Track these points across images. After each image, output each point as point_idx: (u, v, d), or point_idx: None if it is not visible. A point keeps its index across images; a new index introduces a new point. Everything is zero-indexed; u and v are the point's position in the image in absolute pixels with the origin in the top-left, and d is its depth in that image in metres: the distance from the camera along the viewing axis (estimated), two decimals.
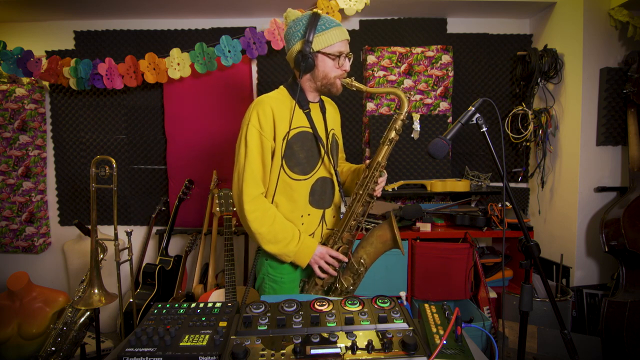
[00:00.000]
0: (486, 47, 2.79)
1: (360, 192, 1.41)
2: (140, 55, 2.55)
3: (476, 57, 2.79)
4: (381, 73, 2.67)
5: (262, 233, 1.34)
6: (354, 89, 1.41)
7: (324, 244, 1.47)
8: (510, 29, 2.82)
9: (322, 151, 1.44)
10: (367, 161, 1.45)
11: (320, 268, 1.41)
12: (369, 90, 1.41)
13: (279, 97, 1.41)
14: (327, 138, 1.48)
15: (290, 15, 1.42)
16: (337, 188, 1.52)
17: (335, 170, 1.50)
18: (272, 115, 1.34)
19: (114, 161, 1.99)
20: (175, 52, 2.53)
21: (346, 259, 1.43)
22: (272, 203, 1.40)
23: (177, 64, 2.54)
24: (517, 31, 2.82)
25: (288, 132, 1.36)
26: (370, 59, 2.66)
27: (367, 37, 2.77)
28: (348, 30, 2.74)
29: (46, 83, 2.75)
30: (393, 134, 1.38)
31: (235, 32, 2.60)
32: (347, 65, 1.40)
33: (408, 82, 2.67)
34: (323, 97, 1.54)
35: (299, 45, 1.35)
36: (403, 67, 2.66)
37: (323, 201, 1.47)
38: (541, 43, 2.61)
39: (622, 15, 2.26)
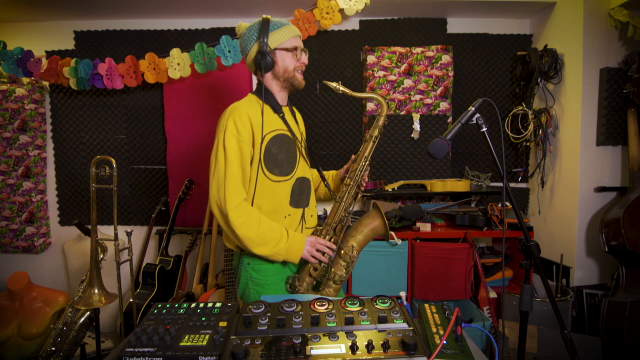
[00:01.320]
0: (486, 47, 2.79)
1: (351, 183, 1.49)
2: (140, 55, 2.55)
3: (476, 57, 2.79)
4: (381, 73, 2.67)
5: (250, 237, 1.34)
6: (340, 92, 1.47)
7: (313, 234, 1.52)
8: (510, 29, 2.82)
9: (298, 152, 1.49)
10: (353, 156, 1.55)
11: (314, 257, 1.44)
12: (354, 94, 1.49)
13: (252, 103, 1.43)
14: (302, 139, 1.55)
15: (241, 27, 1.52)
16: (312, 188, 1.58)
17: (319, 169, 1.61)
18: (249, 121, 1.36)
19: (114, 161, 1.99)
20: (175, 52, 2.53)
21: (335, 247, 1.46)
22: (253, 205, 1.41)
23: (177, 64, 2.54)
24: (517, 31, 2.82)
25: (265, 136, 1.38)
26: (370, 59, 2.66)
27: (367, 37, 2.77)
28: (348, 30, 2.77)
29: (46, 83, 2.75)
30: (376, 132, 1.52)
31: (235, 32, 2.59)
32: (304, 58, 1.47)
33: (408, 82, 2.67)
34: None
35: (256, 46, 1.42)
36: (403, 67, 2.66)
37: (301, 200, 1.50)
38: (541, 43, 2.61)
39: (622, 15, 2.26)
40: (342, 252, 1.48)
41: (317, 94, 2.78)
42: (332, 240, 1.48)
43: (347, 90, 1.46)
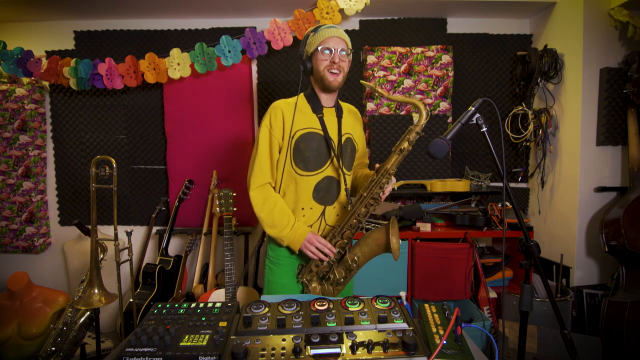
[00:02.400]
0: (486, 47, 2.79)
1: (365, 194, 1.48)
2: (140, 55, 2.55)
3: (476, 57, 2.79)
4: (381, 73, 2.67)
5: (262, 217, 1.51)
6: (377, 95, 1.51)
7: (324, 237, 1.55)
8: (510, 29, 2.82)
9: (332, 152, 1.53)
10: (377, 165, 1.51)
11: (312, 252, 1.51)
12: (390, 97, 1.49)
13: (293, 102, 1.54)
14: (340, 141, 1.57)
15: None
16: (342, 188, 1.59)
17: (343, 172, 1.57)
18: (282, 118, 1.50)
19: (114, 161, 1.99)
20: (175, 52, 2.53)
21: (335, 250, 1.51)
22: (280, 191, 1.55)
23: (177, 64, 2.54)
24: (517, 31, 2.82)
25: (296, 132, 1.50)
26: (370, 59, 2.66)
27: (367, 37, 2.76)
28: (348, 30, 2.77)
29: (46, 83, 2.75)
30: (406, 145, 1.41)
31: (235, 32, 2.60)
32: (335, 56, 1.47)
33: (408, 82, 2.67)
34: (344, 105, 1.67)
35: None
36: (403, 67, 2.66)
37: (326, 198, 1.56)
38: (541, 43, 2.61)
39: (622, 15, 2.26)
40: (345, 257, 1.52)
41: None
42: (337, 244, 1.52)
43: (384, 92, 1.47)
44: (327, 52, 1.47)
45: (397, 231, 1.47)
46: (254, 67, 2.79)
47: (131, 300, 2.23)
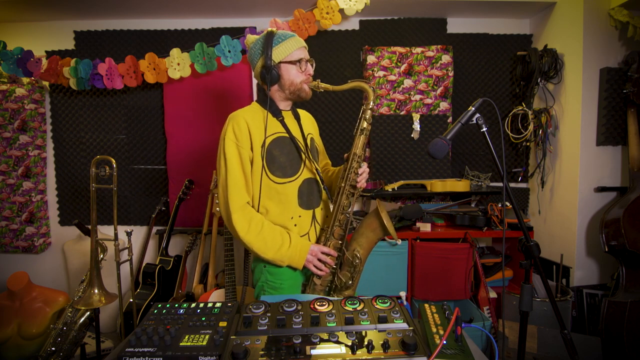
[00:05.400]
0: (486, 47, 2.79)
1: (343, 184, 1.45)
2: (140, 55, 2.55)
3: (476, 57, 2.79)
4: (381, 73, 2.67)
5: (251, 242, 1.38)
6: (322, 90, 1.47)
7: (317, 241, 1.49)
8: (510, 29, 2.82)
9: (302, 154, 1.48)
10: (346, 155, 1.49)
11: (316, 267, 1.43)
12: (336, 88, 1.45)
13: (252, 110, 1.47)
14: (305, 141, 1.53)
15: (249, 39, 1.50)
16: (322, 187, 1.54)
17: (318, 171, 1.54)
18: (246, 127, 1.40)
19: (114, 161, 2.00)
20: (175, 52, 2.53)
21: (336, 253, 1.45)
22: (259, 209, 1.43)
23: (177, 64, 2.54)
24: (517, 31, 2.82)
25: (265, 140, 1.41)
26: (370, 59, 2.66)
27: (367, 37, 2.77)
28: (348, 30, 2.77)
29: (46, 83, 2.75)
30: (365, 124, 1.43)
31: (235, 32, 2.60)
32: (310, 69, 1.48)
33: (408, 82, 2.67)
34: (299, 110, 1.62)
35: (261, 61, 1.43)
36: (403, 67, 2.66)
37: (311, 201, 1.50)
38: (541, 43, 2.61)
39: (622, 15, 2.26)
40: (345, 256, 1.46)
41: (318, 94, 2.77)
42: (332, 244, 1.46)
43: (328, 86, 1.45)
44: (302, 63, 1.44)
45: (385, 210, 1.44)
46: None
47: (131, 300, 2.23)
